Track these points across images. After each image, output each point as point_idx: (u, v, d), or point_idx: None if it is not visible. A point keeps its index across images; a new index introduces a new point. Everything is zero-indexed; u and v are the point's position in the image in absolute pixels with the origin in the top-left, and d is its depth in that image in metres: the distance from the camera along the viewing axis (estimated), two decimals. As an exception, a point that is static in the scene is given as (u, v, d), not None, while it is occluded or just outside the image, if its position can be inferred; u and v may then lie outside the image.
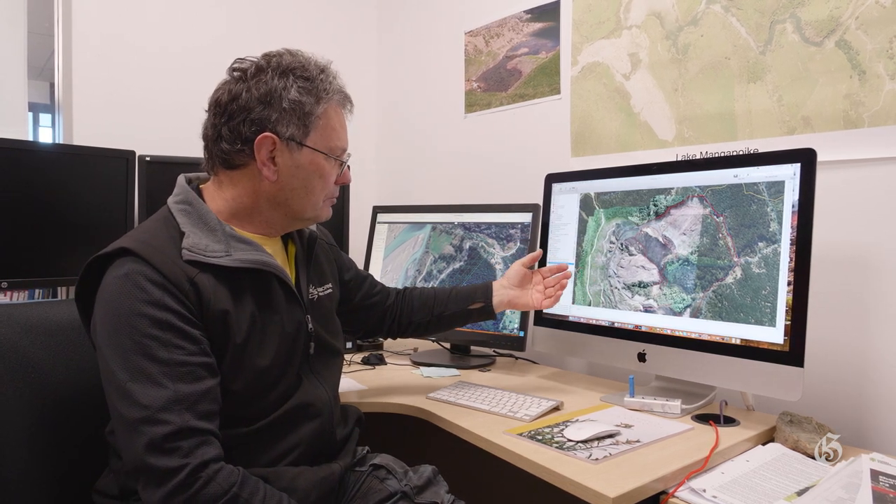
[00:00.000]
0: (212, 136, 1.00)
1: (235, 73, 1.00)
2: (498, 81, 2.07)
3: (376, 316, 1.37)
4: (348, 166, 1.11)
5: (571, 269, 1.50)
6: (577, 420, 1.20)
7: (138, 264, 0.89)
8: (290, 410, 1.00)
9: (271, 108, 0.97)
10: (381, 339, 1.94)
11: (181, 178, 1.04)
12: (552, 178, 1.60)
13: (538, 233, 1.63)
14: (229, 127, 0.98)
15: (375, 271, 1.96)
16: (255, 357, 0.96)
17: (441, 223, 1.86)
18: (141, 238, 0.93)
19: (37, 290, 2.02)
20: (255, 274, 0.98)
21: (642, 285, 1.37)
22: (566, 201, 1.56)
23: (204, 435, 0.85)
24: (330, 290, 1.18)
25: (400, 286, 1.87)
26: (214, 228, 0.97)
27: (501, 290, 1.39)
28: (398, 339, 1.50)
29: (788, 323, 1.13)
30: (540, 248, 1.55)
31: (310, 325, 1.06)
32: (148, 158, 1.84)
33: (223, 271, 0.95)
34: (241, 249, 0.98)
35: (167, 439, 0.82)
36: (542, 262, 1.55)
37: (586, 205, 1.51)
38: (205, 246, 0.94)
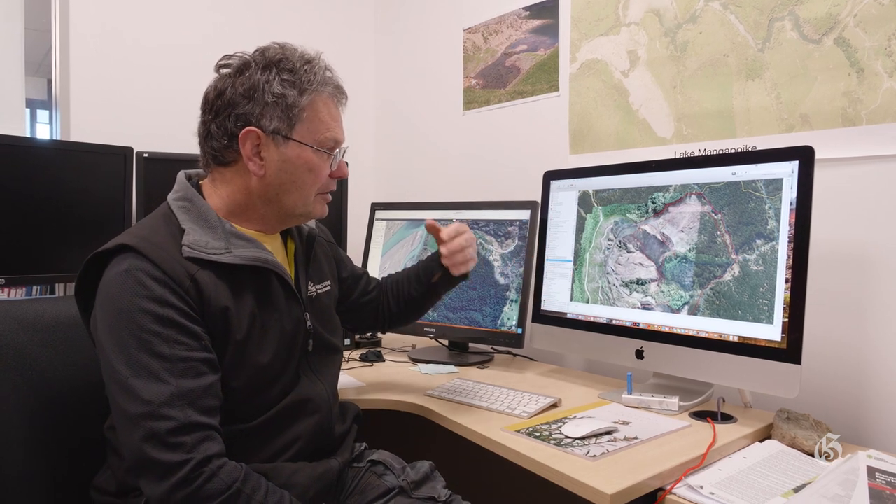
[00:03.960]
0: (203, 134, 1.01)
1: (223, 70, 1.00)
2: (496, 78, 2.07)
3: (372, 312, 1.37)
4: (345, 161, 1.10)
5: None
6: (574, 417, 1.20)
7: (139, 261, 0.89)
8: (287, 407, 1.00)
9: (255, 102, 0.96)
10: (379, 336, 1.95)
11: (181, 175, 1.04)
12: (550, 176, 1.60)
13: (536, 230, 1.63)
14: (216, 123, 0.98)
15: (374, 268, 1.96)
16: (255, 354, 0.96)
17: (439, 220, 1.85)
18: (141, 234, 0.93)
19: (35, 287, 2.02)
20: (254, 271, 0.99)
21: (640, 282, 1.37)
22: (564, 198, 1.56)
23: (207, 430, 0.86)
24: (329, 288, 1.18)
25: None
26: (214, 225, 0.97)
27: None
28: (397, 335, 1.49)
29: (786, 320, 1.13)
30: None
31: (308, 323, 1.06)
32: (146, 155, 1.84)
33: (223, 268, 0.95)
34: (240, 246, 0.98)
35: (170, 434, 0.82)
36: (541, 258, 1.54)
37: (585, 202, 1.51)
38: (205, 243, 0.94)
